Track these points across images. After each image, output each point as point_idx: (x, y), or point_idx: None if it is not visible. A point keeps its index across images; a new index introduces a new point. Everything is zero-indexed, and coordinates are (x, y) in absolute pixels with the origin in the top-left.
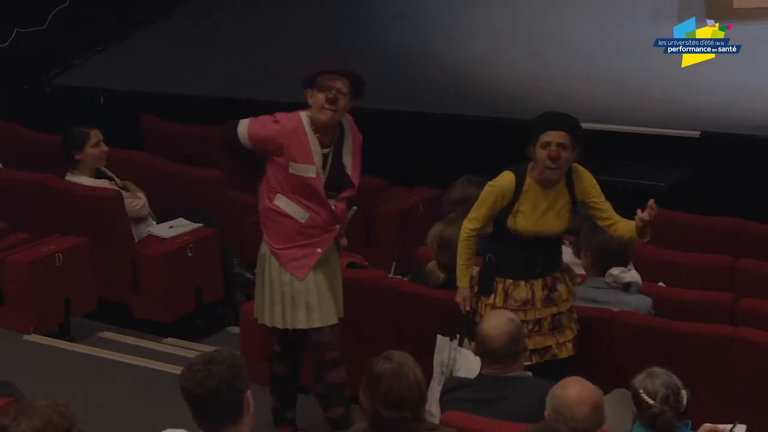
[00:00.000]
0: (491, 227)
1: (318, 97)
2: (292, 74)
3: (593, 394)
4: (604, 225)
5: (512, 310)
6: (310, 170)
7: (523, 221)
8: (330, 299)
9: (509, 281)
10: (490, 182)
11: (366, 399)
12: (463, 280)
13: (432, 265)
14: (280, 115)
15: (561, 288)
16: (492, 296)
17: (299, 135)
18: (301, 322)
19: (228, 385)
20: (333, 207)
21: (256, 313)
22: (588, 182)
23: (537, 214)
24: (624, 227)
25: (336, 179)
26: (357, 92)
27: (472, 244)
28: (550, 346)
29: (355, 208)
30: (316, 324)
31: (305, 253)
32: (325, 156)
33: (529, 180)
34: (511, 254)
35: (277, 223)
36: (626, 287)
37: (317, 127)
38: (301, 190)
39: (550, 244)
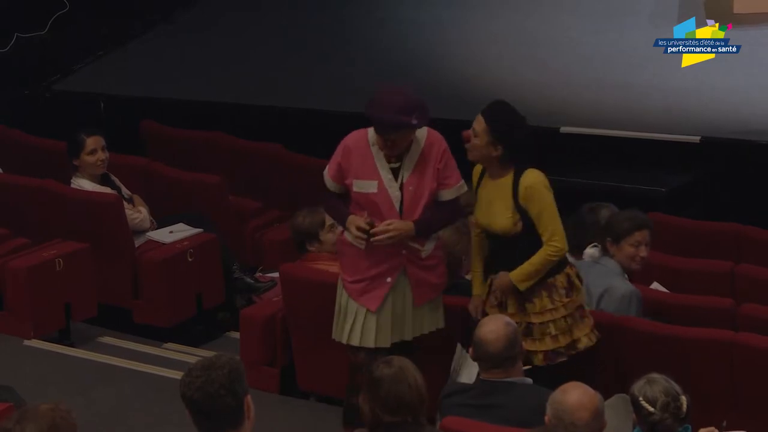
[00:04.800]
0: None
1: None
2: (291, 79)
3: (593, 399)
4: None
5: (492, 308)
6: (372, 185)
7: (476, 211)
8: (378, 323)
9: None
10: None
11: (366, 404)
12: (474, 287)
13: None
14: (343, 140)
15: (536, 301)
16: (482, 290)
17: (360, 150)
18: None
19: (228, 390)
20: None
21: (335, 334)
22: (528, 187)
23: (484, 207)
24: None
25: (412, 193)
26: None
27: (476, 245)
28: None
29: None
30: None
31: (375, 285)
32: (394, 171)
33: (486, 173)
34: (489, 247)
35: (344, 254)
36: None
37: (381, 143)
38: (370, 211)
39: (509, 247)
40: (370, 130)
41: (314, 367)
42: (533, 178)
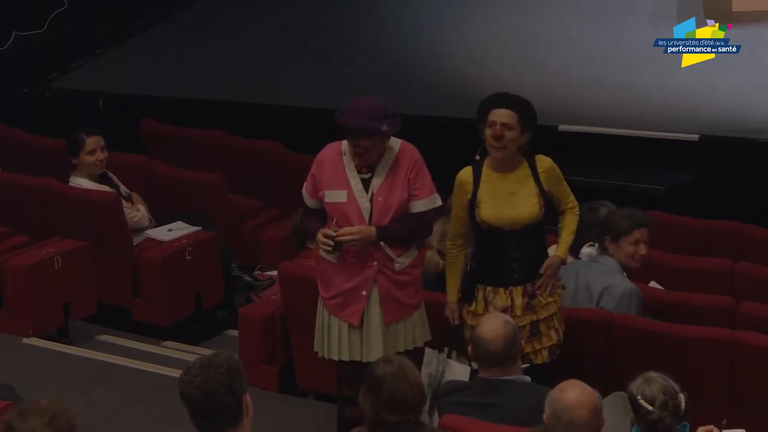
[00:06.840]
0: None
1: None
2: (291, 79)
3: (592, 397)
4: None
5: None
6: (342, 195)
7: (487, 210)
8: (362, 336)
9: (489, 288)
10: None
11: (367, 403)
12: (450, 294)
13: (431, 252)
14: (318, 153)
15: (541, 297)
16: (473, 303)
17: (332, 160)
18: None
19: (226, 389)
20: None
21: (317, 347)
22: (549, 170)
23: (499, 201)
24: (564, 224)
25: (381, 203)
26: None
27: (454, 258)
28: (527, 353)
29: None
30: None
31: (351, 300)
32: (365, 181)
33: (486, 170)
34: (488, 253)
35: (321, 270)
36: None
37: (352, 151)
38: (339, 221)
39: (525, 238)
40: (344, 142)
41: (313, 366)
42: (546, 160)
